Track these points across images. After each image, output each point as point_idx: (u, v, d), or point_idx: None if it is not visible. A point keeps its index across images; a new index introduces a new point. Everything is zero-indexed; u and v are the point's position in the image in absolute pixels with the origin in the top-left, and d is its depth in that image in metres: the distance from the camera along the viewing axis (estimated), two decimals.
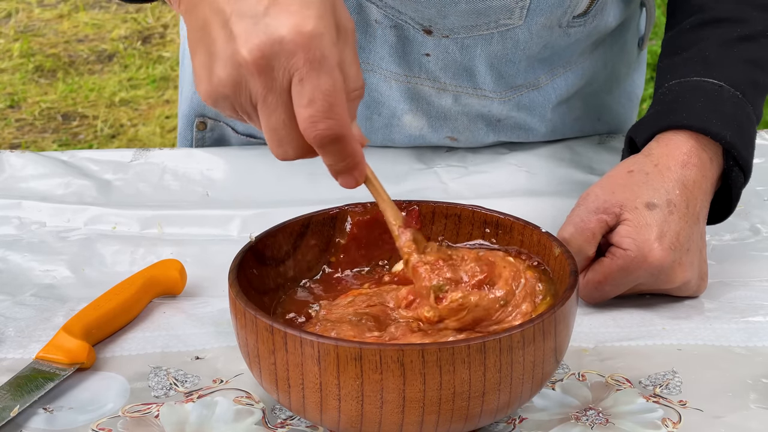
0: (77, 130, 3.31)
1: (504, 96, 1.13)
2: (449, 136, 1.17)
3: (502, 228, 0.86)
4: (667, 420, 0.78)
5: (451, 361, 0.68)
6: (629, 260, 0.88)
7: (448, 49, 1.08)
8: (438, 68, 1.10)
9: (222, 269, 0.82)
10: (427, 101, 1.13)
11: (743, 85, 0.97)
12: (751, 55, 0.99)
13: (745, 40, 1.00)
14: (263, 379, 0.74)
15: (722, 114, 0.94)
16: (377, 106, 1.14)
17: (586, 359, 0.85)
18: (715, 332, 0.88)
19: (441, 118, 1.15)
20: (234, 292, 0.75)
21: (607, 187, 0.92)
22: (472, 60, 1.09)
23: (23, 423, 0.78)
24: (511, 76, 1.12)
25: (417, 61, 1.10)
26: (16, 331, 0.89)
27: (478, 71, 1.10)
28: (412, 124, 1.15)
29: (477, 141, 1.18)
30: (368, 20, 1.08)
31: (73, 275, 0.98)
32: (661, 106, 0.97)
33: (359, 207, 0.88)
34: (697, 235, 0.91)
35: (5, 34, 3.93)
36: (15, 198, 1.10)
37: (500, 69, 1.11)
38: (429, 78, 1.11)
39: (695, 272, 0.91)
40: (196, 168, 1.15)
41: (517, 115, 1.16)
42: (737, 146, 0.93)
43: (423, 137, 1.17)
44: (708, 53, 0.99)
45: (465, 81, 1.11)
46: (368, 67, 1.11)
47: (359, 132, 0.74)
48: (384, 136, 1.17)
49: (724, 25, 1.01)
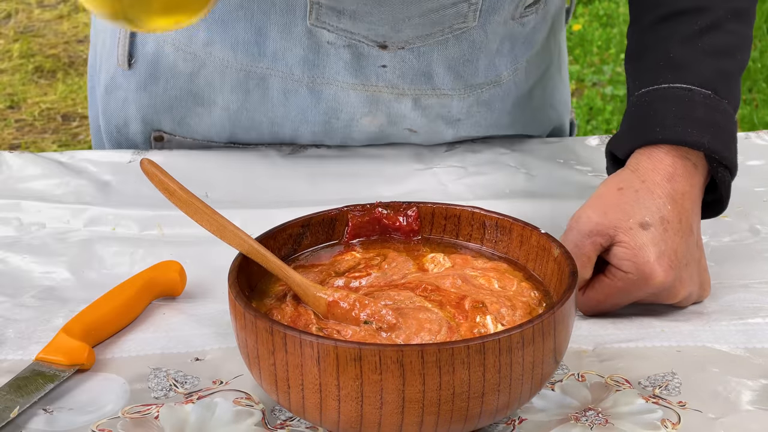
0: (77, 130, 3.31)
1: (464, 93, 1.13)
2: (408, 128, 1.17)
3: (502, 229, 0.86)
4: (667, 421, 0.78)
5: (451, 362, 0.68)
6: (630, 283, 0.88)
7: (404, 59, 1.08)
8: (396, 77, 1.10)
9: (222, 270, 0.82)
10: (386, 105, 1.13)
11: (713, 82, 0.94)
12: (716, 46, 0.96)
13: (708, 30, 0.97)
14: (263, 380, 0.74)
15: (696, 120, 0.92)
16: (335, 112, 1.14)
17: (585, 360, 0.85)
18: (715, 334, 0.88)
19: (400, 117, 1.15)
20: (234, 293, 0.75)
21: (598, 208, 0.90)
22: (429, 65, 1.09)
23: (23, 424, 0.78)
24: (471, 75, 1.12)
25: (374, 73, 1.10)
26: (16, 332, 0.89)
27: (436, 74, 1.10)
28: (372, 124, 1.15)
29: (436, 138, 1.19)
30: (320, 42, 1.08)
31: (72, 277, 0.98)
32: (635, 120, 0.95)
33: (358, 208, 0.88)
34: (693, 246, 0.91)
35: (5, 34, 3.93)
36: (14, 199, 1.10)
37: (459, 70, 1.11)
38: (387, 86, 1.11)
39: (695, 284, 0.91)
40: (196, 169, 1.15)
41: (477, 112, 1.16)
42: (717, 149, 0.91)
43: (382, 132, 1.17)
44: (672, 54, 0.96)
45: (424, 84, 1.11)
46: (324, 80, 1.11)
47: None
48: (344, 135, 1.17)
49: (684, 18, 0.98)
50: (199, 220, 0.80)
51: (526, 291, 0.81)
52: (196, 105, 1.16)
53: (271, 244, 0.83)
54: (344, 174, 1.15)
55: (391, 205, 0.88)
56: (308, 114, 1.14)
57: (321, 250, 0.87)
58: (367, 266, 0.84)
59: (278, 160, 1.18)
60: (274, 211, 1.08)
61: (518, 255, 0.85)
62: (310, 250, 0.87)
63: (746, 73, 3.76)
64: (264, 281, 0.83)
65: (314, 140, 1.19)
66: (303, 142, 1.20)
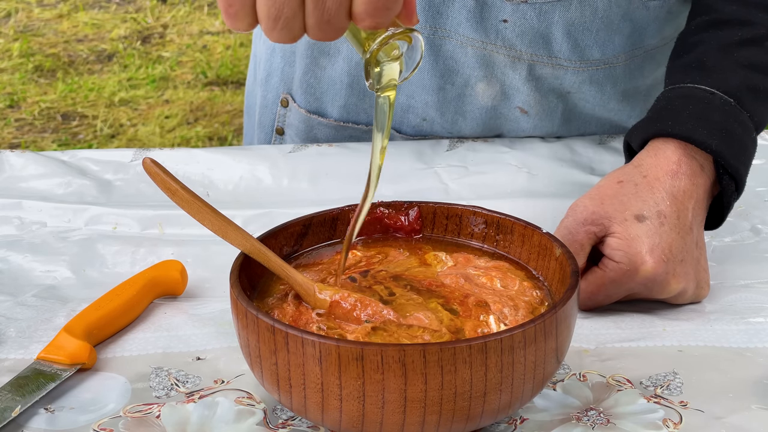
0: (77, 129, 3.31)
1: (579, 66, 1.13)
2: (519, 107, 1.17)
3: (503, 229, 0.86)
4: (668, 420, 0.78)
5: (453, 361, 0.68)
6: (621, 273, 0.88)
7: (526, 15, 1.09)
8: (515, 35, 1.10)
9: (223, 270, 0.82)
10: (501, 70, 1.14)
11: (739, 92, 0.96)
12: (752, 60, 0.98)
13: (747, 43, 0.99)
14: (264, 379, 0.74)
15: (709, 122, 0.93)
16: (451, 75, 1.14)
17: (587, 360, 0.85)
18: (716, 333, 0.88)
19: (513, 89, 1.15)
20: (235, 292, 0.75)
21: (596, 197, 0.91)
22: (549, 27, 1.10)
23: (24, 423, 0.78)
24: (588, 46, 1.12)
25: (494, 28, 1.10)
26: (18, 331, 0.89)
27: (554, 39, 1.11)
28: (485, 93, 1.15)
29: (546, 123, 1.19)
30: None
31: (74, 276, 0.98)
32: (653, 112, 0.97)
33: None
34: (692, 244, 0.91)
35: (5, 34, 3.93)
36: (15, 198, 1.10)
37: (577, 37, 1.11)
38: (505, 45, 1.11)
39: (691, 282, 0.91)
40: (197, 168, 1.15)
41: (588, 89, 1.16)
42: (724, 154, 0.92)
43: (495, 108, 1.17)
44: (706, 58, 0.98)
45: (541, 49, 1.12)
46: (444, 33, 1.11)
47: None
48: (456, 108, 1.17)
49: (727, 27, 1.00)
50: (201, 220, 0.80)
51: (528, 290, 0.81)
52: (321, 56, 1.18)
53: (273, 244, 0.83)
54: (345, 173, 1.15)
55: (392, 205, 0.88)
56: (425, 76, 1.14)
57: (322, 249, 0.87)
58: (368, 264, 0.84)
59: (279, 159, 1.18)
60: (276, 210, 1.08)
61: (519, 254, 0.85)
62: (311, 248, 0.87)
63: None
64: (265, 281, 0.83)
65: (424, 117, 1.19)
66: (409, 125, 1.20)
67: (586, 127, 1.24)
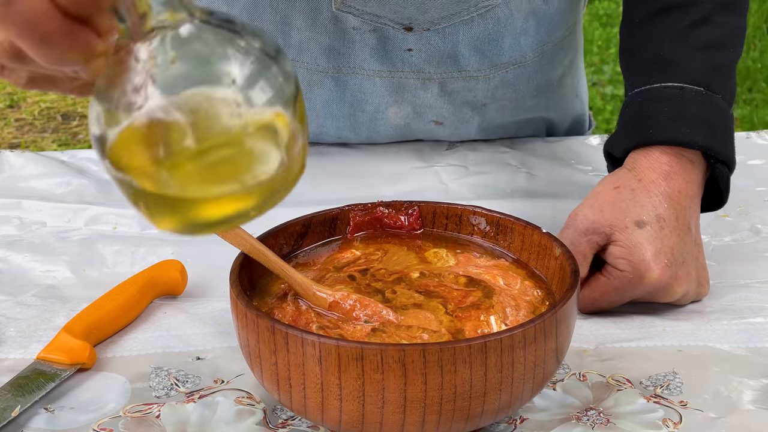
0: (77, 129, 3.31)
1: (489, 73, 1.13)
2: (434, 120, 1.17)
3: (503, 229, 0.86)
4: (668, 420, 0.78)
5: (453, 361, 0.68)
6: (626, 281, 0.88)
7: (430, 40, 1.09)
8: (422, 60, 1.10)
9: (223, 269, 0.82)
10: (412, 93, 1.14)
11: (705, 78, 0.94)
12: (707, 40, 0.96)
13: (698, 24, 0.97)
14: (264, 379, 0.74)
15: (689, 119, 0.92)
16: (360, 104, 1.14)
17: (586, 360, 0.85)
18: (716, 333, 0.88)
19: (426, 107, 1.15)
20: (235, 292, 0.75)
21: (595, 206, 0.90)
22: (455, 46, 1.10)
23: (24, 423, 0.78)
24: (496, 54, 1.12)
25: (400, 57, 1.10)
26: (17, 331, 0.89)
27: (461, 55, 1.11)
28: (397, 115, 1.15)
29: (462, 130, 1.19)
30: (345, 28, 1.08)
31: (73, 275, 0.98)
32: (629, 119, 0.95)
33: (360, 207, 0.88)
34: (690, 243, 0.91)
35: None
36: (15, 198, 1.10)
37: (484, 49, 1.11)
38: (413, 71, 1.11)
39: (692, 282, 0.91)
40: None
41: (502, 95, 1.16)
42: (712, 146, 0.91)
43: (408, 125, 1.17)
44: (663, 52, 0.96)
45: (450, 67, 1.12)
46: (349, 70, 1.11)
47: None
48: (369, 130, 1.17)
49: (674, 13, 0.98)
50: None
51: (530, 289, 0.81)
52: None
53: (273, 243, 0.84)
54: (345, 173, 1.15)
55: (392, 205, 0.88)
56: (333, 107, 1.14)
57: (320, 248, 0.87)
58: (367, 261, 0.84)
59: None
60: (275, 210, 1.07)
61: (519, 254, 0.85)
62: (310, 248, 0.87)
63: (746, 72, 3.77)
64: (265, 280, 0.83)
65: (339, 136, 1.19)
66: (327, 140, 1.20)
67: (504, 132, 1.24)
